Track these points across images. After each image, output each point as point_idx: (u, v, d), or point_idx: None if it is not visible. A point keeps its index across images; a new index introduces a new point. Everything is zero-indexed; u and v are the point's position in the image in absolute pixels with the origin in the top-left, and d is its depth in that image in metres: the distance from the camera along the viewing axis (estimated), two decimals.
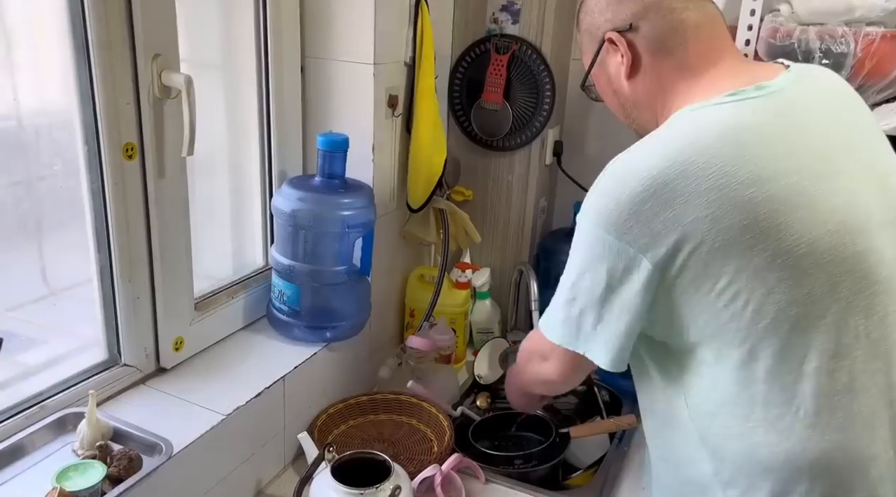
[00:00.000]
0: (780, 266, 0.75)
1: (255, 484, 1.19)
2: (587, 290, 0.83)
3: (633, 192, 0.77)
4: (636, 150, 0.82)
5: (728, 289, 0.77)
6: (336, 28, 1.34)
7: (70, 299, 1.10)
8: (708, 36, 0.89)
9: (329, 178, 1.28)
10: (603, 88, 0.99)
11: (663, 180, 0.76)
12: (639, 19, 0.89)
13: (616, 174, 0.81)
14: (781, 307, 0.76)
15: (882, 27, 1.18)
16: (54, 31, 0.97)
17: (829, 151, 0.82)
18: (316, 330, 1.31)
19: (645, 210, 0.77)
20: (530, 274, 1.61)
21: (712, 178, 0.75)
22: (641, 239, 0.77)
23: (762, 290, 0.76)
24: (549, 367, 0.94)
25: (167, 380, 1.16)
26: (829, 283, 0.77)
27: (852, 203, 0.80)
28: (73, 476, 0.88)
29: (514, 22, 1.60)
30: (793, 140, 0.80)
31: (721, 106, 0.82)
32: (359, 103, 1.36)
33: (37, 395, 1.02)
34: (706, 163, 0.76)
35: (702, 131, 0.79)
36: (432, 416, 1.35)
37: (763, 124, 0.80)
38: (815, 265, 0.76)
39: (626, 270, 0.79)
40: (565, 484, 1.34)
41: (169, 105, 1.07)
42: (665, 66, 0.89)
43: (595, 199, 0.82)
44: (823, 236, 0.76)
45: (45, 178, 1.02)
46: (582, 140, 1.78)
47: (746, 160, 0.76)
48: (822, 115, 0.86)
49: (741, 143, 0.77)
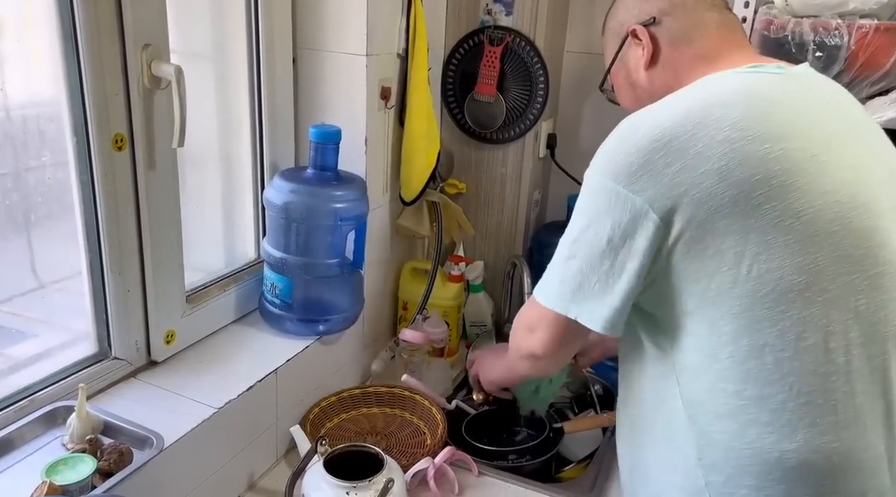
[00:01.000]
0: (787, 229, 0.75)
1: (247, 477, 1.19)
2: (588, 244, 0.81)
3: (646, 141, 0.77)
4: (651, 107, 0.83)
5: (731, 250, 0.75)
6: (328, 19, 1.33)
7: (60, 292, 1.09)
8: (728, 32, 0.93)
9: (321, 170, 1.28)
10: (621, 84, 1.01)
11: (677, 132, 0.76)
12: (664, 14, 0.93)
13: (630, 125, 0.81)
14: (784, 275, 0.75)
15: (875, 19, 1.18)
16: (42, 20, 0.96)
17: (841, 131, 0.83)
18: (308, 323, 1.30)
19: (656, 159, 0.76)
20: (524, 267, 1.61)
21: (727, 131, 0.75)
22: (650, 189, 0.76)
23: (766, 255, 0.75)
24: (535, 339, 0.90)
25: (158, 373, 1.16)
26: (834, 255, 0.76)
27: (862, 180, 0.80)
28: (63, 470, 0.87)
29: (508, 13, 1.59)
30: (807, 114, 0.82)
31: (741, 74, 0.85)
32: (351, 95, 1.35)
33: (26, 389, 1.01)
34: (722, 116, 0.76)
35: (720, 89, 0.82)
36: (425, 409, 1.35)
37: (781, 94, 0.83)
38: (821, 234, 0.76)
39: (631, 223, 0.78)
40: (558, 477, 1.34)
41: (159, 96, 1.06)
42: (683, 56, 0.92)
43: (606, 151, 0.82)
44: (832, 205, 0.76)
45: (33, 170, 1.01)
46: (575, 133, 1.78)
47: (762, 117, 0.77)
48: (835, 105, 0.88)
49: (758, 103, 0.79)
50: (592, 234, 0.81)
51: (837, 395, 0.77)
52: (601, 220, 0.80)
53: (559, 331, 0.88)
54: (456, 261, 1.66)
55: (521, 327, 0.97)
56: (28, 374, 1.02)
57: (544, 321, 0.88)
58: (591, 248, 0.81)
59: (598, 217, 0.80)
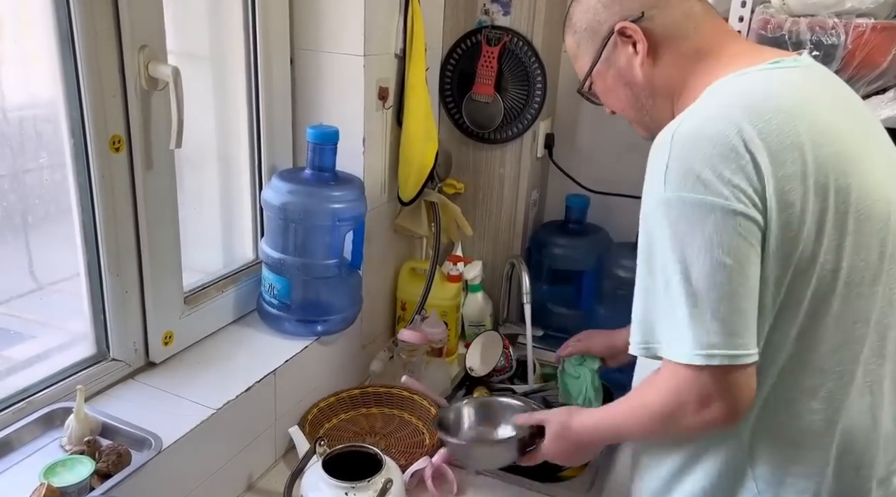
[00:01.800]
0: (851, 229, 0.77)
1: (246, 478, 1.19)
2: (711, 275, 0.73)
3: (721, 151, 0.74)
4: (699, 116, 0.79)
5: (809, 251, 0.76)
6: (326, 19, 1.33)
7: (58, 293, 1.09)
8: (715, 21, 0.92)
9: (319, 170, 1.28)
10: (610, 85, 0.96)
11: (750, 134, 0.75)
12: (650, 8, 0.89)
13: (690, 140, 0.77)
14: (842, 275, 0.77)
15: (872, 18, 1.18)
16: (39, 21, 0.96)
17: (860, 123, 0.86)
18: (307, 323, 1.30)
19: (744, 164, 0.74)
20: (522, 267, 1.61)
21: (792, 136, 0.76)
22: (750, 196, 0.74)
23: (830, 255, 0.77)
24: (717, 409, 0.76)
25: (156, 374, 1.16)
26: (880, 248, 0.79)
27: (885, 170, 0.83)
28: (61, 471, 0.87)
29: (506, 13, 1.59)
30: (838, 111, 0.83)
31: (769, 71, 0.83)
32: (349, 95, 1.35)
33: (24, 390, 1.01)
34: (786, 115, 0.76)
35: (766, 89, 0.80)
36: (424, 410, 1.35)
37: (815, 88, 0.84)
38: (871, 229, 0.79)
39: (746, 231, 0.73)
40: (557, 476, 1.34)
41: (156, 97, 1.06)
42: (683, 50, 0.89)
43: (681, 172, 0.75)
44: (876, 201, 0.79)
45: (30, 172, 1.01)
46: (573, 133, 1.78)
47: (814, 119, 0.78)
48: (847, 97, 0.89)
49: (807, 100, 0.80)
50: (709, 260, 0.73)
51: (872, 377, 0.81)
52: (711, 241, 0.73)
53: (739, 385, 0.76)
54: (454, 261, 1.66)
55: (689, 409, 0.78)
56: (26, 376, 1.02)
57: (714, 385, 0.75)
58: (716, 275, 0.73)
59: (707, 239, 0.73)
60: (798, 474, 0.81)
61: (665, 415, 0.81)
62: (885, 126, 1.17)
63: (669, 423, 0.81)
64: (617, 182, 1.69)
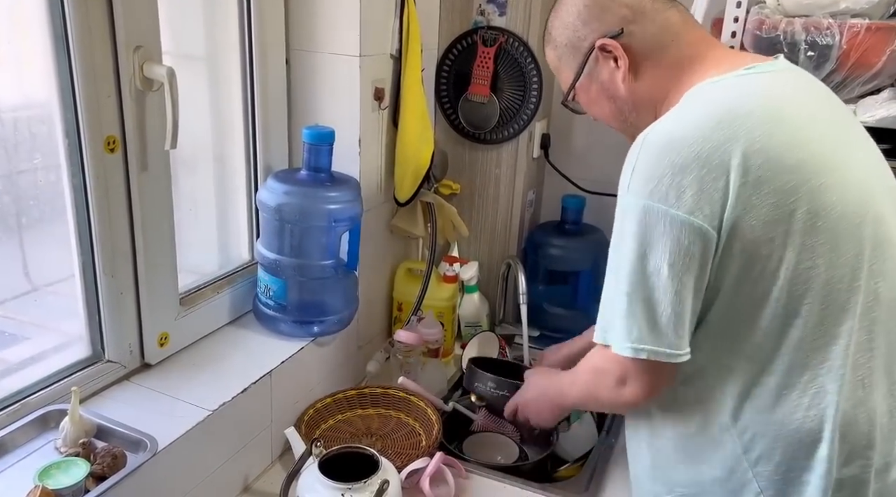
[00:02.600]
0: (822, 229, 0.78)
1: (242, 479, 1.19)
2: (651, 275, 0.80)
3: (685, 159, 0.77)
4: (672, 121, 0.82)
5: (774, 254, 0.78)
6: (321, 20, 1.33)
7: (52, 295, 1.09)
8: (693, 28, 0.93)
9: (315, 171, 1.27)
10: (593, 98, 0.98)
11: (713, 144, 0.77)
12: (629, 23, 0.90)
13: (660, 145, 0.80)
14: (821, 272, 0.79)
15: (867, 19, 1.18)
16: (33, 22, 0.95)
17: (837, 122, 0.87)
18: (303, 324, 1.30)
19: (702, 176, 0.76)
20: (518, 267, 1.61)
21: (760, 140, 0.77)
22: (706, 207, 0.77)
23: (804, 255, 0.78)
24: (632, 390, 0.86)
25: (152, 376, 1.15)
26: (859, 245, 0.80)
27: (865, 170, 0.84)
28: (56, 474, 0.87)
29: (501, 14, 1.59)
30: (813, 108, 0.85)
31: (743, 77, 0.85)
32: (345, 96, 1.35)
33: (19, 392, 1.01)
34: (752, 127, 0.78)
35: (737, 98, 0.82)
36: (420, 410, 1.35)
37: (790, 93, 0.85)
38: (849, 228, 0.80)
39: (690, 244, 0.78)
40: (554, 476, 1.34)
41: (151, 98, 1.06)
42: (664, 63, 0.91)
43: (642, 173, 0.80)
44: (851, 201, 0.80)
45: (25, 173, 1.00)
46: (569, 133, 1.78)
47: (786, 124, 0.80)
48: (823, 97, 0.91)
49: (779, 108, 0.81)
50: (651, 265, 0.79)
51: (863, 371, 0.82)
52: (657, 246, 0.79)
53: (653, 374, 0.84)
54: (450, 261, 1.66)
55: (608, 383, 0.89)
56: (20, 378, 1.02)
57: (633, 371, 0.85)
58: (655, 278, 0.80)
59: (653, 244, 0.79)
60: (797, 469, 0.82)
61: (588, 385, 0.95)
62: (881, 126, 1.19)
63: (590, 394, 0.96)
64: (613, 182, 1.65)
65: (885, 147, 0.95)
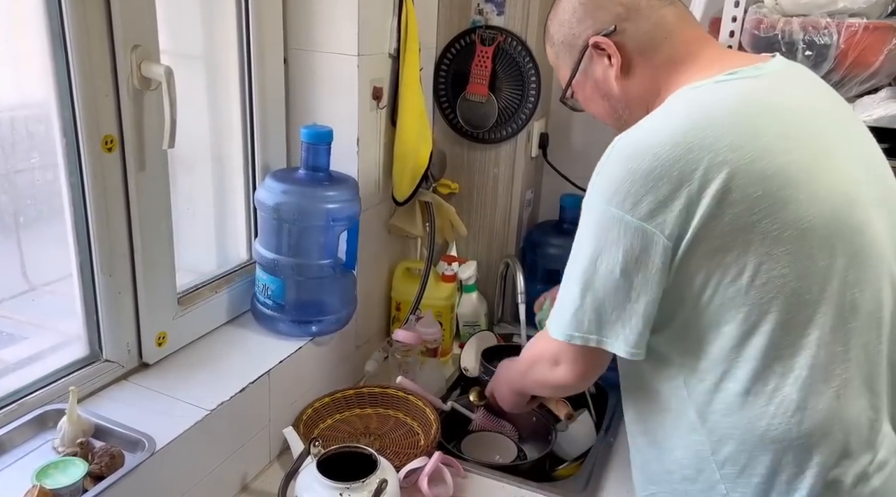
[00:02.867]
0: (788, 239, 0.77)
1: (240, 479, 1.19)
2: (602, 276, 0.82)
3: (647, 167, 0.78)
4: (643, 128, 0.82)
5: (735, 263, 0.78)
6: (319, 19, 1.33)
7: (50, 294, 1.09)
8: (689, 27, 0.92)
9: (313, 170, 1.27)
10: (589, 96, 0.99)
11: (676, 155, 0.77)
12: (622, 21, 0.90)
13: (626, 152, 0.81)
14: (787, 282, 0.78)
15: (865, 18, 1.18)
16: (30, 21, 0.95)
17: (822, 129, 0.85)
18: (301, 324, 1.30)
19: (661, 186, 0.77)
20: (517, 266, 1.61)
21: (724, 152, 0.77)
22: (659, 216, 0.78)
23: (768, 265, 0.77)
24: (562, 372, 0.91)
25: (150, 375, 1.15)
26: (830, 257, 0.79)
27: (847, 180, 0.83)
28: (54, 473, 0.87)
29: (500, 13, 1.59)
30: (793, 118, 0.83)
31: (723, 83, 0.84)
32: (343, 95, 1.35)
33: (16, 392, 1.00)
34: (717, 137, 0.77)
35: (709, 106, 0.81)
36: (419, 410, 1.35)
37: (767, 99, 0.83)
38: (818, 239, 0.78)
39: (644, 251, 0.79)
40: (553, 475, 1.34)
41: (149, 97, 1.06)
42: (656, 61, 0.91)
43: (606, 177, 0.81)
44: (825, 211, 0.79)
45: (22, 172, 1.00)
46: (568, 132, 1.78)
47: (755, 134, 0.78)
48: (812, 99, 0.89)
49: (749, 118, 0.80)
50: (604, 266, 0.81)
51: (838, 382, 0.80)
52: (611, 250, 0.80)
53: (584, 361, 0.89)
54: (449, 261, 1.66)
55: (541, 361, 0.95)
56: (18, 378, 1.02)
57: (567, 355, 0.89)
58: (606, 280, 0.82)
59: (608, 247, 0.81)
60: (763, 475, 0.82)
61: (527, 363, 1.00)
62: (878, 125, 1.19)
63: (529, 372, 1.00)
64: None
65: (883, 146, 0.94)
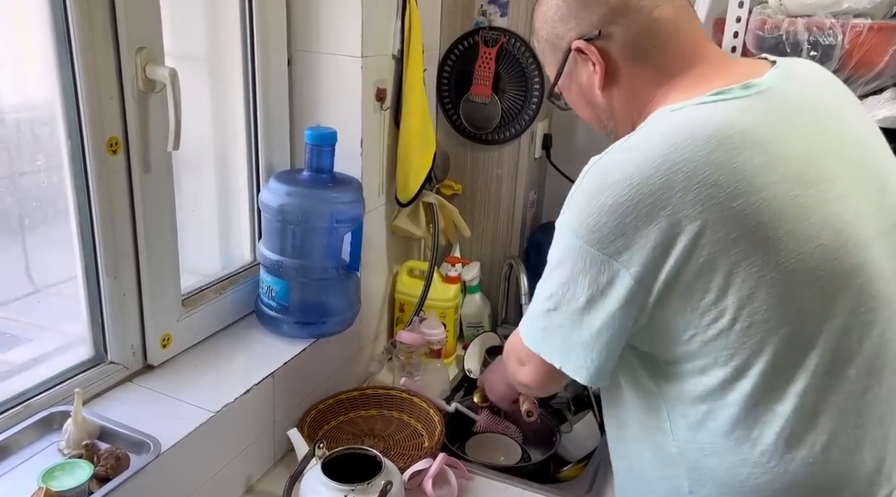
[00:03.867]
0: (770, 282, 0.71)
1: (244, 481, 1.19)
2: (567, 301, 0.78)
3: (615, 203, 0.73)
4: (616, 155, 0.77)
5: (714, 306, 0.73)
6: (323, 21, 1.33)
7: (55, 296, 1.09)
8: (685, 33, 0.84)
9: (317, 172, 1.27)
10: (574, 100, 0.93)
11: (646, 191, 0.71)
12: (607, 24, 0.82)
13: (595, 182, 0.76)
14: (771, 326, 0.73)
15: (869, 19, 1.18)
16: (35, 23, 0.95)
17: (821, 155, 0.77)
18: (305, 325, 1.30)
19: (628, 223, 0.72)
20: (520, 268, 1.61)
21: (697, 189, 0.70)
22: (624, 253, 0.73)
23: (749, 308, 0.72)
24: (525, 373, 0.92)
25: (154, 377, 1.15)
26: (823, 300, 0.73)
27: (845, 213, 0.75)
28: (60, 476, 0.87)
29: (503, 14, 1.59)
30: (783, 145, 0.75)
31: (704, 106, 0.76)
32: (346, 97, 1.35)
33: (22, 394, 1.00)
34: (691, 172, 0.71)
35: (685, 135, 0.73)
36: (423, 411, 1.35)
37: (751, 127, 0.74)
38: (806, 282, 0.73)
39: (608, 284, 0.75)
40: (557, 477, 1.34)
41: (154, 99, 1.06)
42: (643, 73, 0.84)
43: (576, 206, 0.77)
44: (815, 251, 0.72)
45: (27, 174, 1.00)
46: (571, 133, 1.78)
47: (734, 168, 0.71)
48: (812, 115, 0.81)
49: (728, 149, 0.72)
50: (571, 293, 0.78)
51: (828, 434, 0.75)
52: (578, 279, 0.77)
53: (545, 372, 0.87)
54: (452, 262, 1.66)
55: (513, 357, 0.96)
56: (23, 380, 1.02)
57: (533, 360, 0.87)
58: (571, 306, 0.78)
59: (574, 276, 0.77)
60: None
61: (505, 354, 1.01)
62: (883, 126, 1.18)
63: (504, 367, 1.03)
64: None
65: None
